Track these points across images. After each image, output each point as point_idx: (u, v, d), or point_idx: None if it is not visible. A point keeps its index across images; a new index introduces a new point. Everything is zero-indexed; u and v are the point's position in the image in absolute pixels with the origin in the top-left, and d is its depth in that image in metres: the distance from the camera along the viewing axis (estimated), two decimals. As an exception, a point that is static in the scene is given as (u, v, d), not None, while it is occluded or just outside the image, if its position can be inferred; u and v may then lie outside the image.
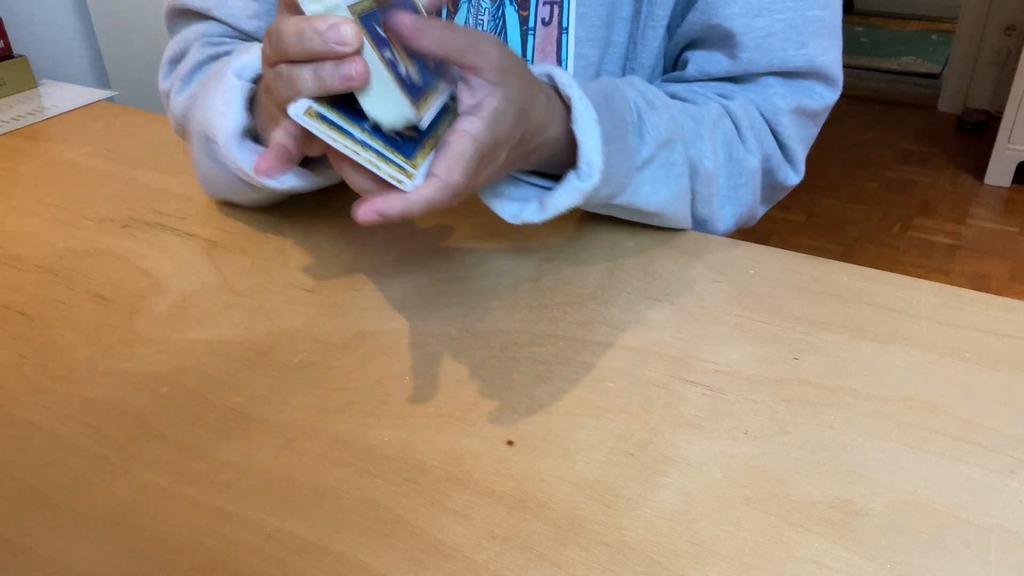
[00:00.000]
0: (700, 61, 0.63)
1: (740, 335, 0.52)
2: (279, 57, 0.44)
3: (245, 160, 0.57)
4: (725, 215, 0.64)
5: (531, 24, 0.63)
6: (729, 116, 0.62)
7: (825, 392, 0.48)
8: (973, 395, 0.47)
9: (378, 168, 0.42)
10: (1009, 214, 2.37)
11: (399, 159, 0.43)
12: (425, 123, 0.45)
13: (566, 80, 0.52)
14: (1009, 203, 2.43)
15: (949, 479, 0.42)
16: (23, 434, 0.47)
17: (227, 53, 0.69)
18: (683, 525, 0.40)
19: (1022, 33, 2.77)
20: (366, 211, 0.42)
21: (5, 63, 1.04)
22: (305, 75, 0.42)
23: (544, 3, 0.63)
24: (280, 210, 0.69)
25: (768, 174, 0.66)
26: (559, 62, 0.63)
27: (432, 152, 0.45)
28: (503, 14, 0.64)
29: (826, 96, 0.64)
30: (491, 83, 0.45)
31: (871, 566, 0.37)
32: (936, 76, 3.35)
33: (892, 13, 4.09)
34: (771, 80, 0.63)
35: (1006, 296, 0.55)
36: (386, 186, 0.43)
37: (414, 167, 0.44)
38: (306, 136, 0.45)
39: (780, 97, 0.63)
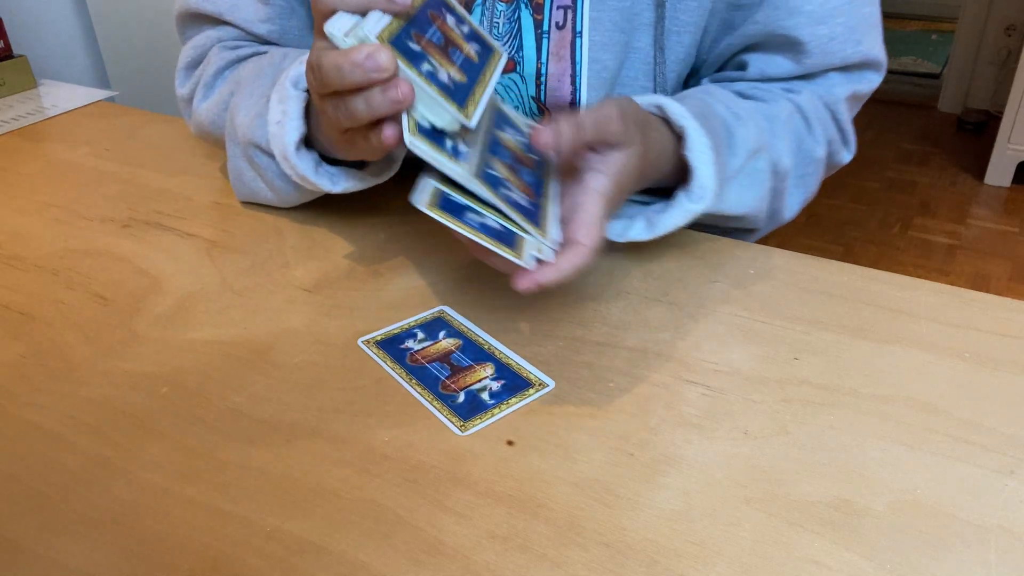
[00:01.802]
0: (762, 65, 0.66)
1: (740, 335, 0.52)
2: (326, 90, 0.46)
3: (306, 167, 0.60)
4: (792, 204, 0.67)
5: (545, 28, 0.63)
6: (799, 111, 0.65)
7: (825, 392, 0.48)
8: (973, 395, 0.47)
9: (514, 255, 0.45)
10: (1009, 214, 2.37)
11: (532, 230, 0.47)
12: (474, 122, 0.47)
13: (678, 111, 0.55)
14: (1009, 203, 2.43)
15: (949, 479, 0.42)
16: (23, 434, 0.47)
17: (247, 57, 0.70)
18: (683, 525, 0.40)
19: (1022, 33, 2.77)
20: (527, 284, 0.46)
21: (5, 63, 1.04)
22: (359, 106, 0.45)
23: (558, 7, 0.63)
24: (280, 210, 0.69)
25: (829, 157, 0.69)
26: (573, 66, 0.63)
27: (546, 196, 0.48)
28: (519, 17, 0.64)
29: (875, 80, 0.68)
30: (615, 142, 0.49)
31: (871, 566, 0.37)
32: (936, 76, 3.35)
33: (892, 13, 4.09)
34: (831, 75, 0.66)
35: (1006, 296, 0.55)
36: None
37: (544, 236, 0.47)
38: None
39: (839, 87, 0.67)
